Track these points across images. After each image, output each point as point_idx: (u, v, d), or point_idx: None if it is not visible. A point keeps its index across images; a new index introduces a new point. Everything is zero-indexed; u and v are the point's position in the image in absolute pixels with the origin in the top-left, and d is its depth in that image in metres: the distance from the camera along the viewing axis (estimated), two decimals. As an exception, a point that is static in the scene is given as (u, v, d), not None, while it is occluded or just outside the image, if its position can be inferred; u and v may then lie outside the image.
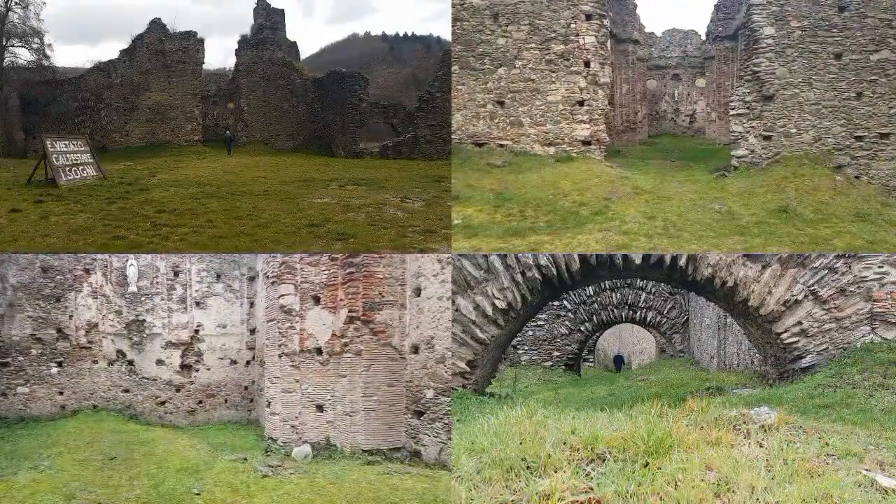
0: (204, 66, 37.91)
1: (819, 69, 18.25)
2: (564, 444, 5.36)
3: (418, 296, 13.03)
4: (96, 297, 19.22)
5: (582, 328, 25.94)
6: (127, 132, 34.50)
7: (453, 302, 11.74)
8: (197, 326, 19.38)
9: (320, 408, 13.33)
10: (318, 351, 13.47)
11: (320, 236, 11.67)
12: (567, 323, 25.81)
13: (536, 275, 11.83)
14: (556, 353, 25.86)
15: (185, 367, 19.24)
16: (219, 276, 19.32)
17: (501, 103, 19.27)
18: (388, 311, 13.31)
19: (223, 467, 11.73)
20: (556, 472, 4.85)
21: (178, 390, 19.07)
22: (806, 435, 6.09)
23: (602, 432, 5.50)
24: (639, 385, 19.95)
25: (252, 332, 19.71)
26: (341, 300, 13.31)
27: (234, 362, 19.63)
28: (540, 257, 11.87)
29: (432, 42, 75.03)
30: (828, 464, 5.28)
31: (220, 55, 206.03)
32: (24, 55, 36.40)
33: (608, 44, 20.60)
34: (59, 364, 18.68)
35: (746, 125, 18.58)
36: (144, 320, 19.08)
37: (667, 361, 26.78)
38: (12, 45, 35.54)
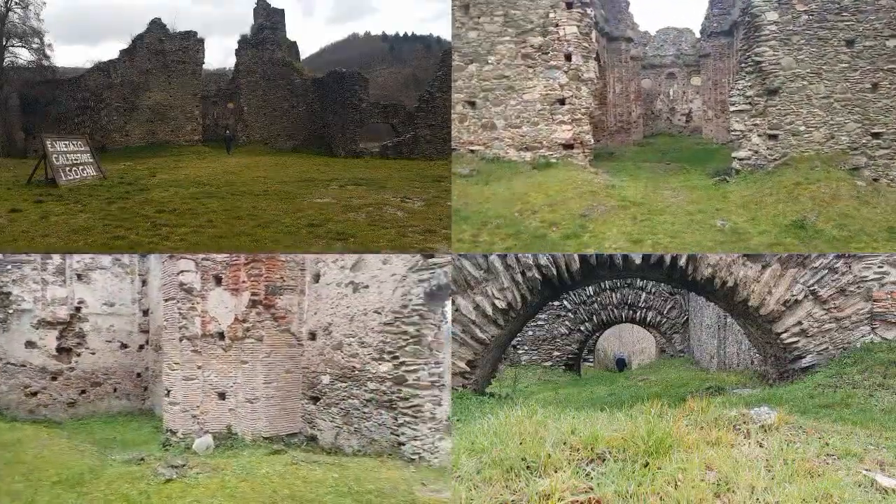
0: (204, 66, 37.96)
1: (829, 58, 16.40)
2: (564, 444, 5.36)
3: (317, 282, 12.92)
4: (-49, 262, 16.09)
5: (582, 328, 25.93)
6: (127, 132, 34.51)
7: (453, 302, 11.74)
8: (78, 303, 16.82)
9: (222, 395, 12.94)
10: (221, 336, 13.05)
11: (320, 236, 11.67)
12: (567, 323, 25.80)
13: (536, 275, 11.83)
14: (556, 353, 25.85)
15: (63, 351, 16.68)
16: (105, 247, 17.46)
17: (472, 104, 17.80)
18: (289, 296, 13.21)
19: (115, 474, 9.47)
20: (556, 472, 4.85)
21: (53, 378, 16.43)
22: (806, 435, 6.09)
23: (602, 432, 5.50)
24: (639, 385, 19.94)
25: (145, 313, 17.85)
26: (244, 282, 13.06)
27: (124, 346, 17.55)
28: (540, 257, 11.87)
29: (432, 42, 74.99)
30: (828, 464, 5.28)
31: (220, 55, 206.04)
32: (24, 55, 36.47)
33: (593, 36, 18.61)
34: None
35: (748, 123, 16.62)
36: (10, 293, 16.30)
37: (667, 361, 26.78)
38: (12, 45, 35.56)
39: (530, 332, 25.67)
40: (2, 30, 34.37)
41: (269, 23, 39.76)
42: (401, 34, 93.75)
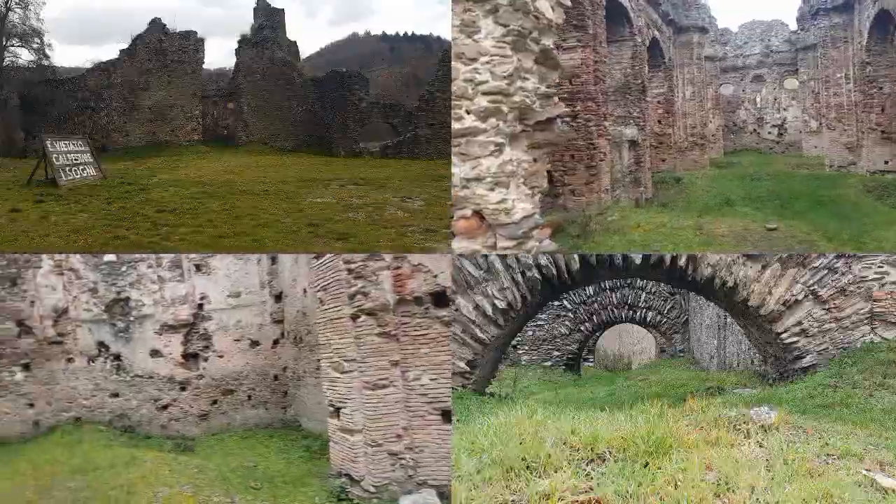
0: (204, 66, 38.00)
1: None
2: (564, 444, 5.36)
3: None
4: (61, 273, 14.30)
5: (582, 328, 25.93)
6: (127, 132, 34.50)
7: (453, 302, 11.73)
8: (201, 299, 14.42)
9: (447, 414, 7.53)
10: (441, 297, 7.54)
11: (320, 236, 11.67)
12: (567, 323, 25.79)
13: (536, 275, 11.83)
14: (556, 353, 25.85)
15: (189, 357, 14.45)
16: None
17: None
18: None
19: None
20: (556, 472, 4.85)
21: (182, 388, 14.36)
22: (806, 435, 6.09)
23: (602, 432, 5.50)
24: (639, 385, 19.93)
25: (278, 297, 14.50)
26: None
27: (255, 343, 14.63)
28: (540, 257, 11.87)
29: (432, 42, 74.89)
30: (828, 464, 5.28)
31: (220, 55, 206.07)
32: (24, 55, 36.46)
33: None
34: (26, 367, 13.90)
35: None
36: (129, 298, 14.20)
37: (667, 361, 26.77)
38: (12, 45, 35.56)
39: (530, 332, 25.66)
40: (2, 30, 34.37)
41: (269, 23, 39.73)
42: (401, 34, 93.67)
